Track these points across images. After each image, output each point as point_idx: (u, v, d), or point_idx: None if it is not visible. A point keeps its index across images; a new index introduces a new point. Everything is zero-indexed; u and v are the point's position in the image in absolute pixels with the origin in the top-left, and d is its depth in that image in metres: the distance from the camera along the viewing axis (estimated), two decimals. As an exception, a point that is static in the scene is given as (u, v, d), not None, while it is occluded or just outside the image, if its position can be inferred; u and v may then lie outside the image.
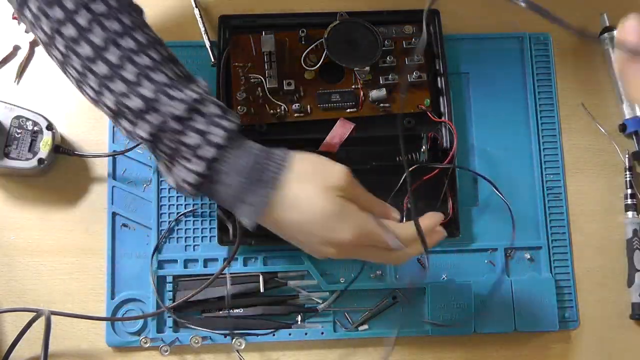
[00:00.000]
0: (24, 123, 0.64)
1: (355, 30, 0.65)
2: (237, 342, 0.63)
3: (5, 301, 0.65)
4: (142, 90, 0.50)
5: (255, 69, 0.66)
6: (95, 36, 0.50)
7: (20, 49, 0.70)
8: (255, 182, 0.50)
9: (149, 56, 0.51)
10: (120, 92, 0.50)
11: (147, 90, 0.50)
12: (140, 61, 0.50)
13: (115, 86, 0.50)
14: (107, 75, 0.50)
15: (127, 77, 0.50)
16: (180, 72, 0.53)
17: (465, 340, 0.66)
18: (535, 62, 0.72)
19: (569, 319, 0.67)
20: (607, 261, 0.69)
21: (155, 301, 0.64)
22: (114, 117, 0.52)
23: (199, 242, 0.66)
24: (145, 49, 0.51)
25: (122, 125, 0.52)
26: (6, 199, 0.67)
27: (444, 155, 0.65)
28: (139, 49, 0.51)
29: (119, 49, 0.50)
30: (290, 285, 0.65)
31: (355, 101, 0.67)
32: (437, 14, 0.70)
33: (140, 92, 0.50)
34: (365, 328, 0.65)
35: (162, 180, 0.67)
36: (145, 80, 0.50)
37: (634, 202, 0.70)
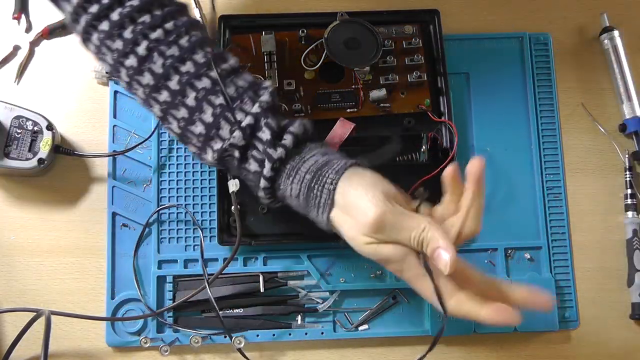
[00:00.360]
0: (24, 123, 0.64)
1: (355, 30, 0.65)
2: (236, 341, 0.63)
3: (5, 301, 0.65)
4: (203, 116, 0.51)
5: (255, 69, 0.66)
6: (156, 65, 0.51)
7: (20, 49, 0.70)
8: (310, 205, 0.51)
9: (208, 77, 0.52)
10: (182, 118, 0.52)
11: (208, 116, 0.51)
12: (200, 85, 0.51)
13: (177, 113, 0.52)
14: (169, 103, 0.51)
15: (188, 104, 0.51)
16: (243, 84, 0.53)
17: (465, 340, 0.66)
18: (535, 62, 0.72)
19: (569, 319, 0.67)
20: (607, 261, 0.69)
21: (156, 302, 0.64)
22: (180, 140, 0.54)
23: (199, 242, 0.66)
24: (205, 69, 0.52)
25: (190, 148, 0.54)
26: (6, 199, 0.67)
27: (444, 155, 0.65)
28: (197, 72, 0.51)
29: (179, 74, 0.51)
30: (290, 285, 0.65)
31: (355, 101, 0.67)
32: (437, 14, 0.70)
33: (202, 117, 0.51)
34: (365, 328, 0.65)
35: (162, 180, 0.67)
36: (206, 105, 0.51)
37: (634, 202, 0.70)
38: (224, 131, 0.51)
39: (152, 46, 0.51)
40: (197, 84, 0.51)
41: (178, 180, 0.67)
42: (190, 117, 0.51)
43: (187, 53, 0.51)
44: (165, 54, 0.51)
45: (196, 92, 0.51)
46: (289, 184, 0.51)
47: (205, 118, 0.51)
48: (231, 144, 0.51)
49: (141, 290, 0.65)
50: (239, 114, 0.51)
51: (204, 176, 0.67)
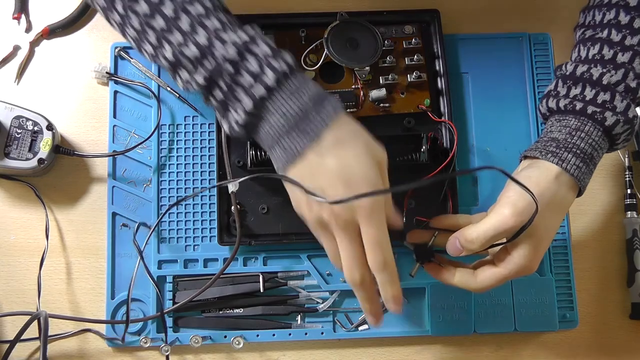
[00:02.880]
0: (24, 123, 0.64)
1: (355, 30, 0.65)
2: (236, 341, 0.63)
3: (5, 301, 0.65)
4: (197, 37, 0.51)
5: (255, 69, 0.66)
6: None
7: (20, 49, 0.70)
8: (296, 128, 0.50)
9: (201, 4, 0.52)
10: (177, 43, 0.51)
11: (202, 37, 0.51)
12: (194, 10, 0.51)
13: (173, 37, 0.51)
14: (164, 28, 0.51)
15: (183, 28, 0.51)
16: (231, 19, 0.53)
17: (465, 340, 0.66)
18: (535, 62, 0.72)
19: (568, 319, 0.66)
20: (607, 261, 0.69)
21: (156, 302, 0.64)
22: (172, 69, 0.53)
23: (199, 242, 0.66)
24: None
25: (181, 75, 0.53)
26: (6, 199, 0.67)
27: (444, 155, 0.65)
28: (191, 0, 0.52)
29: (172, 1, 0.51)
30: (290, 286, 0.65)
31: (355, 101, 0.67)
32: (437, 13, 0.70)
33: (196, 39, 0.51)
34: (365, 328, 0.65)
35: (162, 181, 0.67)
36: (200, 28, 0.51)
37: (634, 202, 0.70)
38: (216, 50, 0.50)
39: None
40: (190, 9, 0.52)
41: (178, 180, 0.67)
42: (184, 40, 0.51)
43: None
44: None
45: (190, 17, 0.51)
46: (287, 100, 0.50)
47: (199, 40, 0.51)
48: (225, 58, 0.50)
49: (140, 290, 0.65)
50: (232, 35, 0.51)
51: (204, 176, 0.67)
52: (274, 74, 0.50)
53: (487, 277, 0.55)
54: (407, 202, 0.66)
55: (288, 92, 0.50)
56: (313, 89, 0.51)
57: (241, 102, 0.50)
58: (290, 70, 0.51)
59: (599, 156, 0.57)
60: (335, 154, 0.49)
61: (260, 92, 0.50)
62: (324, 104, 0.51)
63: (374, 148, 0.52)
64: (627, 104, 0.56)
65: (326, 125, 0.50)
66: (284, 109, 0.50)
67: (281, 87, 0.50)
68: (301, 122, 0.50)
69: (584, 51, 0.60)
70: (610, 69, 0.57)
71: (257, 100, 0.50)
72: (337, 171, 0.49)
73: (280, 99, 0.50)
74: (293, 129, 0.50)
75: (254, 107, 0.50)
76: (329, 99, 0.51)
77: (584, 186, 0.56)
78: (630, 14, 0.58)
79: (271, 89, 0.50)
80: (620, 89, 0.56)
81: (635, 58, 0.57)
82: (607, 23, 0.59)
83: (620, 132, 0.56)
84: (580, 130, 0.56)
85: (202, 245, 0.66)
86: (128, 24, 0.53)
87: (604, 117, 0.56)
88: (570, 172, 0.54)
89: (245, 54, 0.50)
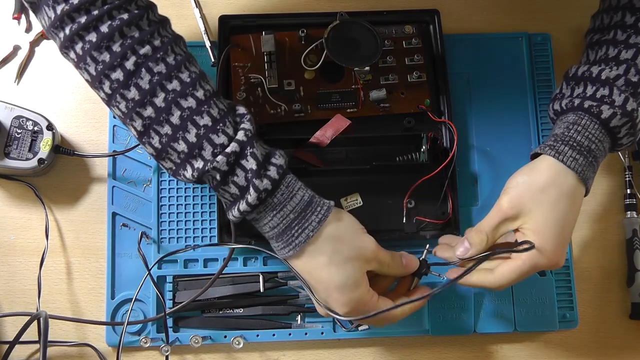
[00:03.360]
0: (24, 123, 0.64)
1: (355, 30, 0.65)
2: (236, 341, 0.63)
3: (5, 301, 0.65)
4: (187, 135, 0.52)
5: (255, 69, 0.66)
6: (143, 81, 0.51)
7: (20, 49, 0.70)
8: (280, 239, 0.54)
9: (194, 97, 0.53)
10: (165, 134, 0.52)
11: (192, 135, 0.52)
12: (186, 104, 0.52)
13: (162, 130, 0.52)
14: (153, 118, 0.52)
15: (174, 122, 0.52)
16: (223, 107, 0.54)
17: (465, 340, 0.66)
18: (535, 62, 0.72)
19: (568, 319, 0.66)
20: (607, 261, 0.69)
21: (156, 302, 0.64)
22: (157, 155, 0.54)
23: (199, 242, 0.66)
24: (191, 89, 0.53)
25: (165, 164, 0.55)
26: (6, 199, 0.67)
27: (444, 155, 0.65)
28: (184, 91, 0.52)
29: (165, 92, 0.52)
30: (290, 285, 0.65)
31: (355, 101, 0.67)
32: (437, 13, 0.70)
33: (185, 136, 0.52)
34: (365, 328, 0.65)
35: (162, 180, 0.67)
36: (190, 125, 0.52)
37: (634, 202, 0.70)
38: (206, 152, 0.52)
39: (140, 62, 0.51)
40: (182, 102, 0.52)
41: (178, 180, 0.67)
42: (173, 135, 0.52)
43: (174, 71, 0.52)
44: (153, 70, 0.52)
45: (181, 110, 0.52)
46: (271, 215, 0.54)
47: (189, 137, 0.52)
48: (214, 167, 0.52)
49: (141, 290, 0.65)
50: (222, 137, 0.53)
51: (204, 176, 0.67)
52: (255, 192, 0.52)
53: (504, 271, 0.55)
54: (407, 202, 0.66)
55: (271, 207, 0.53)
56: (297, 199, 0.54)
57: (230, 205, 0.55)
58: (274, 185, 0.53)
59: (600, 149, 0.57)
60: (314, 266, 0.54)
61: (244, 207, 0.53)
62: (307, 215, 0.54)
63: (358, 247, 0.54)
64: (626, 97, 0.56)
65: (308, 239, 0.53)
66: (268, 222, 0.54)
67: (264, 202, 0.53)
68: (284, 234, 0.54)
69: (592, 54, 0.61)
70: (612, 65, 0.58)
71: (242, 212, 0.54)
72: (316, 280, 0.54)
73: (263, 212, 0.54)
74: (278, 238, 0.54)
75: (240, 215, 0.54)
76: (315, 207, 0.54)
77: (585, 178, 0.56)
78: (636, 14, 0.58)
79: (253, 206, 0.53)
80: (620, 83, 0.57)
81: (639, 55, 0.57)
82: (613, 25, 0.60)
83: (619, 124, 0.56)
84: (577, 124, 0.57)
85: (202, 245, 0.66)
86: (114, 105, 0.53)
87: (600, 111, 0.56)
88: (567, 164, 0.55)
89: (235, 167, 0.53)
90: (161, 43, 0.53)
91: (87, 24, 0.50)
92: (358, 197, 0.66)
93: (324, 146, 0.63)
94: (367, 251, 0.54)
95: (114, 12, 0.51)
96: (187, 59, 0.54)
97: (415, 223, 0.66)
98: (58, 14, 0.50)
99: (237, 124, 0.54)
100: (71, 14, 0.50)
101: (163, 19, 0.55)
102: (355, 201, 0.66)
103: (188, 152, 0.52)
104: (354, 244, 0.54)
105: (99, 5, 0.51)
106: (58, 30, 0.52)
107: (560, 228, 0.55)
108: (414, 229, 0.66)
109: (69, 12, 0.50)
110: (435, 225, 0.66)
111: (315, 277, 0.54)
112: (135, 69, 0.51)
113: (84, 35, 0.51)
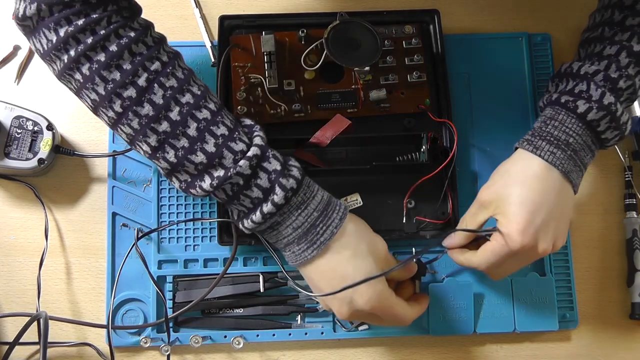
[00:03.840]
0: (24, 123, 0.64)
1: (355, 30, 0.65)
2: (236, 341, 0.63)
3: (5, 301, 0.65)
4: (205, 145, 0.52)
5: (255, 69, 0.66)
6: (156, 96, 0.52)
7: (20, 49, 0.71)
8: (304, 239, 0.55)
9: (207, 108, 0.53)
10: (182, 147, 0.53)
11: (210, 146, 0.53)
12: (201, 116, 0.53)
13: (178, 143, 0.53)
14: (169, 132, 0.52)
15: (191, 134, 0.52)
16: (232, 118, 0.56)
17: (465, 340, 0.66)
18: (535, 62, 0.72)
19: (568, 319, 0.67)
20: (607, 261, 0.69)
21: (156, 302, 0.64)
22: (172, 170, 0.54)
23: (199, 242, 0.66)
24: (203, 100, 0.53)
25: (179, 177, 0.55)
26: (6, 199, 0.67)
27: (444, 155, 0.65)
28: (197, 103, 0.53)
29: (179, 105, 0.52)
30: (290, 285, 0.65)
31: (355, 101, 0.67)
32: (437, 13, 0.70)
33: (204, 147, 0.52)
34: (365, 328, 0.65)
35: (162, 180, 0.67)
36: (208, 135, 0.53)
37: (634, 202, 0.70)
38: (227, 160, 0.53)
39: (152, 77, 0.52)
40: (198, 114, 0.53)
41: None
42: (191, 147, 0.52)
43: (185, 84, 0.53)
44: (165, 85, 0.52)
45: (198, 122, 0.53)
46: (296, 215, 0.54)
47: (208, 148, 0.53)
48: (238, 172, 0.52)
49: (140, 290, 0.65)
50: (240, 144, 0.53)
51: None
52: (282, 191, 0.53)
53: (482, 251, 0.58)
54: (407, 202, 0.66)
55: (295, 206, 0.54)
56: (318, 198, 0.55)
57: (248, 211, 0.55)
58: (298, 184, 0.54)
59: (579, 143, 0.58)
60: (340, 261, 0.55)
61: (269, 209, 0.53)
62: (329, 213, 0.55)
63: (374, 245, 0.56)
64: (602, 92, 0.57)
65: (332, 235, 0.54)
66: (292, 222, 0.54)
67: (289, 202, 0.54)
68: (309, 233, 0.54)
69: (582, 52, 0.62)
70: (594, 60, 0.59)
71: (265, 215, 0.53)
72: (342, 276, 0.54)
73: (287, 213, 0.54)
74: (302, 239, 0.54)
75: (263, 219, 0.54)
76: (334, 205, 0.56)
77: (566, 171, 0.57)
78: (624, 12, 0.59)
79: (279, 206, 0.53)
80: (598, 78, 0.58)
81: (622, 51, 0.58)
82: (602, 22, 0.61)
83: (596, 118, 0.57)
84: (554, 119, 0.58)
85: (202, 245, 0.66)
86: (125, 123, 0.53)
87: (575, 105, 0.57)
88: (544, 157, 0.56)
89: (258, 170, 0.53)
90: (168, 58, 0.53)
91: (94, 44, 0.50)
92: (358, 197, 0.66)
93: (324, 146, 0.63)
94: (381, 248, 0.57)
95: (120, 30, 0.51)
96: (192, 73, 0.55)
97: (415, 223, 0.66)
98: (61, 36, 0.50)
99: (250, 132, 0.55)
100: (76, 35, 0.50)
101: (162, 36, 0.56)
102: (355, 201, 0.66)
103: (207, 163, 0.53)
104: (371, 240, 0.57)
105: (104, 25, 0.51)
106: (61, 52, 0.51)
107: (532, 210, 0.55)
108: (414, 229, 0.66)
109: (74, 33, 0.50)
110: (435, 225, 0.66)
111: (340, 273, 0.54)
112: (148, 85, 0.51)
113: (92, 55, 0.51)
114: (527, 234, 0.55)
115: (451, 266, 0.66)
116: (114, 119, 0.53)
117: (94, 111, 0.55)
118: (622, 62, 0.58)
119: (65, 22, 0.50)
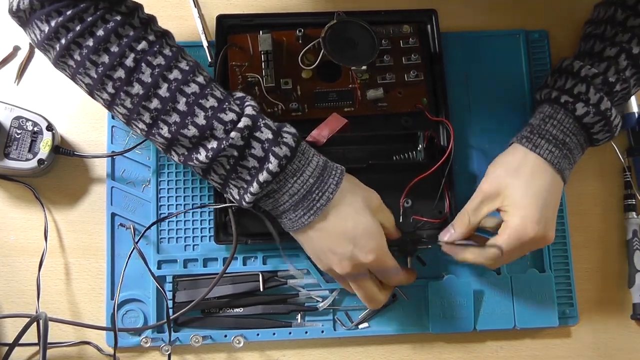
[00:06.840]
0: (24, 123, 0.65)
1: (352, 29, 0.65)
2: (236, 340, 0.63)
3: (5, 301, 0.65)
4: (196, 119, 0.53)
5: (252, 68, 0.66)
6: (144, 75, 0.53)
7: (20, 49, 0.71)
8: (301, 205, 0.55)
9: (195, 82, 0.54)
10: (174, 123, 0.53)
11: (200, 119, 0.53)
12: (189, 90, 0.54)
13: (170, 119, 0.54)
14: (160, 109, 0.53)
15: (180, 109, 0.53)
16: (223, 90, 0.56)
17: (466, 337, 0.66)
18: (533, 59, 0.72)
19: (568, 315, 0.66)
20: (607, 261, 0.69)
21: (156, 302, 0.65)
22: (168, 145, 0.55)
23: (198, 242, 0.66)
24: (191, 75, 0.54)
25: (176, 150, 0.55)
26: (6, 199, 0.67)
27: (440, 154, 0.65)
28: (185, 78, 0.54)
29: (167, 82, 0.53)
30: (290, 284, 0.65)
31: (352, 100, 0.67)
32: (434, 13, 0.70)
33: (195, 121, 0.53)
34: (365, 326, 0.65)
35: (161, 181, 0.67)
36: (198, 109, 0.53)
37: (634, 202, 0.69)
38: (218, 131, 0.53)
39: (139, 57, 0.53)
40: (186, 89, 0.54)
41: (177, 180, 0.67)
42: (182, 121, 0.53)
43: (173, 61, 0.54)
44: (152, 63, 0.53)
45: (186, 97, 0.54)
46: (292, 182, 0.54)
47: (198, 121, 0.53)
48: (230, 144, 0.53)
49: (140, 290, 0.65)
50: (230, 114, 0.54)
51: (202, 176, 0.68)
52: (276, 160, 0.53)
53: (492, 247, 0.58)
54: (404, 201, 0.66)
55: (290, 173, 0.54)
56: (314, 164, 0.55)
57: (246, 184, 0.55)
58: (292, 152, 0.54)
59: (574, 142, 0.60)
60: (339, 219, 0.55)
61: (265, 177, 0.53)
62: (325, 179, 0.55)
63: (369, 198, 0.58)
64: (600, 97, 0.59)
65: (329, 201, 0.55)
66: (288, 190, 0.55)
67: (284, 170, 0.54)
68: (305, 200, 0.55)
69: (583, 46, 0.63)
70: (595, 61, 0.60)
71: (262, 184, 0.54)
72: (342, 233, 0.55)
73: (283, 180, 0.54)
74: (298, 205, 0.55)
75: (260, 189, 0.54)
76: (330, 170, 0.56)
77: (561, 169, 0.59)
78: (626, 12, 0.59)
79: (275, 174, 0.54)
80: (597, 82, 0.60)
81: (621, 54, 0.60)
82: (606, 19, 0.61)
83: (592, 122, 0.60)
84: (553, 118, 0.60)
85: (202, 245, 0.66)
86: (119, 103, 0.54)
87: (574, 108, 0.59)
88: (544, 156, 0.58)
89: (250, 140, 0.54)
90: (155, 37, 0.55)
91: (83, 31, 0.52)
92: (357, 195, 0.66)
93: (320, 145, 0.63)
94: (375, 199, 0.58)
95: (106, 15, 0.53)
96: (181, 50, 0.56)
97: (412, 222, 0.66)
98: (52, 26, 0.52)
99: (241, 103, 0.56)
100: (66, 24, 0.52)
101: (151, 16, 0.57)
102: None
103: (199, 135, 0.53)
104: (365, 193, 0.58)
105: (92, 12, 0.52)
106: (53, 41, 0.53)
107: (540, 202, 0.57)
108: (410, 228, 0.65)
109: (64, 22, 0.52)
110: (433, 224, 0.66)
111: (341, 230, 0.55)
112: (136, 65, 0.53)
113: (81, 41, 0.53)
114: (542, 225, 0.57)
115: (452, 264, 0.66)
116: (109, 100, 0.55)
117: (91, 95, 0.56)
118: (620, 65, 0.60)
119: (56, 14, 0.52)
